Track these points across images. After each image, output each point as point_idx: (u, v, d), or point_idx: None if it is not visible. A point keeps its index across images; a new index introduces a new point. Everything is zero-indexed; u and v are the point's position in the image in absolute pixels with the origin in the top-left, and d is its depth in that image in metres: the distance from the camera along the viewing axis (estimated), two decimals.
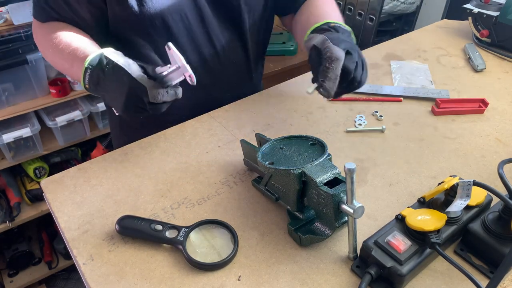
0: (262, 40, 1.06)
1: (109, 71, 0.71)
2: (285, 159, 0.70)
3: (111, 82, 0.71)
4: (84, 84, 0.76)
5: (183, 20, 0.88)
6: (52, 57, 0.86)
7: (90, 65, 0.73)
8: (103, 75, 0.72)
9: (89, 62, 0.73)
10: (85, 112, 1.72)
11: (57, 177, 0.82)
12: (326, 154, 0.67)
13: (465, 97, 1.02)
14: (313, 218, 0.69)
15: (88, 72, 0.73)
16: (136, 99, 0.70)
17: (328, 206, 0.62)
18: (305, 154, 0.70)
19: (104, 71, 0.72)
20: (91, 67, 0.73)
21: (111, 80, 0.71)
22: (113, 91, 0.72)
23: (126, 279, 0.63)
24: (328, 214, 0.64)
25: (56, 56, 0.84)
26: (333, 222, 0.63)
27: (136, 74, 0.69)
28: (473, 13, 1.25)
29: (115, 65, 0.70)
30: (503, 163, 0.64)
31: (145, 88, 0.69)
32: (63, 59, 0.81)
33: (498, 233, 0.62)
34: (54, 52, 0.83)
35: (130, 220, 0.69)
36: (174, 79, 0.70)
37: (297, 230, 0.67)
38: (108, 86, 0.72)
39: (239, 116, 0.97)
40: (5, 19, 1.45)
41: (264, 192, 0.75)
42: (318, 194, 0.64)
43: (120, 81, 0.70)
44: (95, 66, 0.73)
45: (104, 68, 0.72)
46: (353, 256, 0.64)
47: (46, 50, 0.87)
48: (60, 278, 2.05)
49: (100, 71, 0.72)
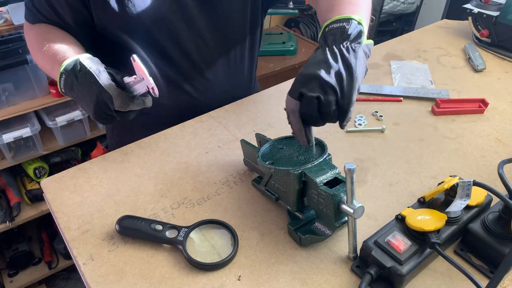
0: (253, 41, 1.05)
1: (81, 77, 0.73)
2: (285, 159, 0.70)
3: (83, 88, 0.73)
4: (60, 88, 0.78)
5: (167, 25, 0.88)
6: (37, 59, 0.88)
7: (65, 70, 0.75)
8: (76, 80, 0.74)
9: (64, 66, 0.75)
10: (85, 112, 1.72)
11: (57, 177, 0.82)
12: (326, 154, 0.67)
13: (465, 97, 1.02)
14: (313, 218, 0.69)
15: (63, 77, 0.75)
16: (103, 106, 0.71)
17: (328, 206, 0.62)
18: (305, 154, 0.70)
19: (77, 77, 0.74)
20: (66, 72, 0.75)
21: (83, 86, 0.73)
22: (83, 96, 0.74)
23: (126, 279, 0.63)
24: (328, 214, 0.64)
25: (40, 58, 0.85)
26: (333, 222, 0.63)
27: (104, 82, 0.71)
28: (473, 13, 1.25)
29: (86, 72, 0.72)
30: (503, 163, 0.64)
31: (111, 96, 0.70)
32: (46, 62, 0.83)
33: (498, 233, 0.62)
34: (39, 54, 0.84)
35: (130, 220, 0.69)
36: (139, 90, 0.72)
37: (297, 230, 0.67)
38: (80, 92, 0.74)
39: (239, 116, 0.97)
40: (5, 19, 1.45)
41: (264, 192, 0.75)
42: (318, 194, 0.64)
43: (89, 87, 0.72)
44: (69, 71, 0.74)
45: (77, 73, 0.74)
46: (353, 256, 0.64)
47: (33, 51, 0.89)
48: (60, 278, 2.05)
49: (74, 76, 0.74)
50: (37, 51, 0.85)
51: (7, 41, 1.46)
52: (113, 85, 0.71)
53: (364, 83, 1.08)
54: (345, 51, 0.65)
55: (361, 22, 0.69)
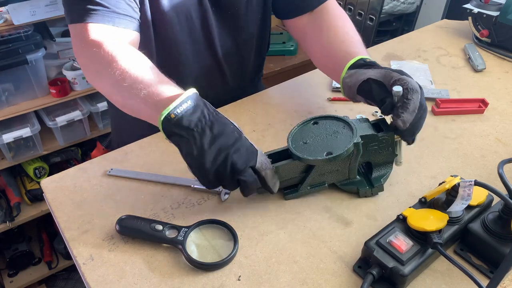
0: (261, 44, 1.06)
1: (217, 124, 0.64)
2: (316, 144, 0.72)
3: (221, 135, 0.64)
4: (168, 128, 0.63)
5: (188, 20, 0.88)
6: (107, 88, 0.74)
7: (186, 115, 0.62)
8: (209, 125, 0.63)
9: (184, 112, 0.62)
10: (85, 112, 1.72)
11: (57, 177, 0.81)
12: (349, 119, 0.75)
13: (465, 97, 1.02)
14: (359, 180, 0.76)
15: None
16: (246, 159, 0.63)
17: (391, 143, 0.74)
18: (329, 131, 0.75)
19: (209, 124, 0.63)
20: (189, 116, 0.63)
21: (220, 133, 0.64)
22: (216, 144, 0.63)
23: (126, 279, 0.63)
24: (390, 151, 0.75)
25: (116, 88, 0.71)
26: (393, 153, 0.76)
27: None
28: (473, 13, 1.25)
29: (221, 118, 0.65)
30: (503, 163, 0.64)
31: (257, 152, 0.65)
32: (129, 94, 0.69)
33: (498, 233, 0.62)
34: (113, 82, 0.70)
35: (130, 220, 0.69)
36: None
37: (364, 185, 0.75)
38: (215, 139, 0.63)
39: (239, 116, 0.97)
40: (5, 19, 1.45)
41: (308, 192, 0.75)
42: (379, 142, 0.73)
43: (231, 136, 0.64)
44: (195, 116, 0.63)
45: (207, 118, 0.64)
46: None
47: (99, 71, 0.73)
48: (60, 278, 2.05)
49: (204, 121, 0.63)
50: (106, 76, 0.70)
51: (7, 41, 1.46)
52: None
53: None
54: None
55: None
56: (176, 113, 0.62)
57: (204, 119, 0.63)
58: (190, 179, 0.78)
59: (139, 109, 0.69)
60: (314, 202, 0.75)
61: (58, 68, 1.67)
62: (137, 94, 0.66)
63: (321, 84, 1.08)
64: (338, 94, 1.04)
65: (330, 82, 1.08)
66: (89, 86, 1.68)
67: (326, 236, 0.69)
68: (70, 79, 1.64)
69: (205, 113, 0.64)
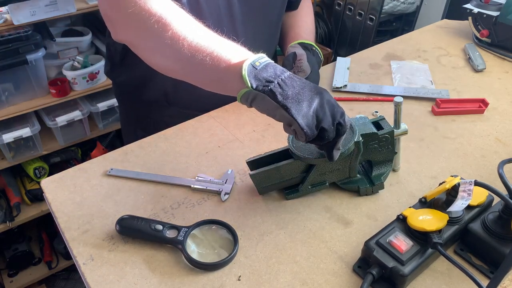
0: (276, 34, 1.11)
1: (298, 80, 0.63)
2: (315, 146, 0.71)
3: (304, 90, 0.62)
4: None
5: (216, 10, 0.89)
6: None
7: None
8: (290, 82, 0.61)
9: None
10: (85, 112, 1.72)
11: (57, 177, 0.81)
12: (350, 120, 0.73)
13: (465, 97, 1.02)
14: (359, 179, 0.77)
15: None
16: (334, 111, 0.62)
17: (390, 142, 0.75)
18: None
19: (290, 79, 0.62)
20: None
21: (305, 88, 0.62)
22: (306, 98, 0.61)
23: (126, 279, 0.63)
24: (389, 149, 0.76)
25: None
26: (393, 151, 0.77)
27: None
28: (473, 13, 1.25)
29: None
30: (503, 163, 0.64)
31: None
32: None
33: (498, 233, 0.62)
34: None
35: (130, 220, 0.69)
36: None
37: (365, 184, 0.76)
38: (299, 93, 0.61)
39: (239, 116, 0.97)
40: (5, 19, 1.45)
41: (308, 191, 0.75)
42: (379, 140, 0.74)
43: (318, 91, 0.62)
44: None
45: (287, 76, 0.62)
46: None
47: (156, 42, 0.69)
48: (60, 278, 2.05)
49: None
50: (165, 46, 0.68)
51: (7, 41, 1.46)
52: None
53: (364, 83, 1.08)
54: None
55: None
56: (260, 62, 0.62)
57: (285, 71, 0.63)
58: (190, 179, 0.79)
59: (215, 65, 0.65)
60: (314, 202, 0.75)
61: (58, 68, 1.67)
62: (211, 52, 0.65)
63: (321, 84, 1.08)
64: (338, 94, 1.04)
65: (330, 82, 1.08)
66: (89, 86, 1.68)
67: (326, 236, 0.69)
68: (70, 79, 1.64)
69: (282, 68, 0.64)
